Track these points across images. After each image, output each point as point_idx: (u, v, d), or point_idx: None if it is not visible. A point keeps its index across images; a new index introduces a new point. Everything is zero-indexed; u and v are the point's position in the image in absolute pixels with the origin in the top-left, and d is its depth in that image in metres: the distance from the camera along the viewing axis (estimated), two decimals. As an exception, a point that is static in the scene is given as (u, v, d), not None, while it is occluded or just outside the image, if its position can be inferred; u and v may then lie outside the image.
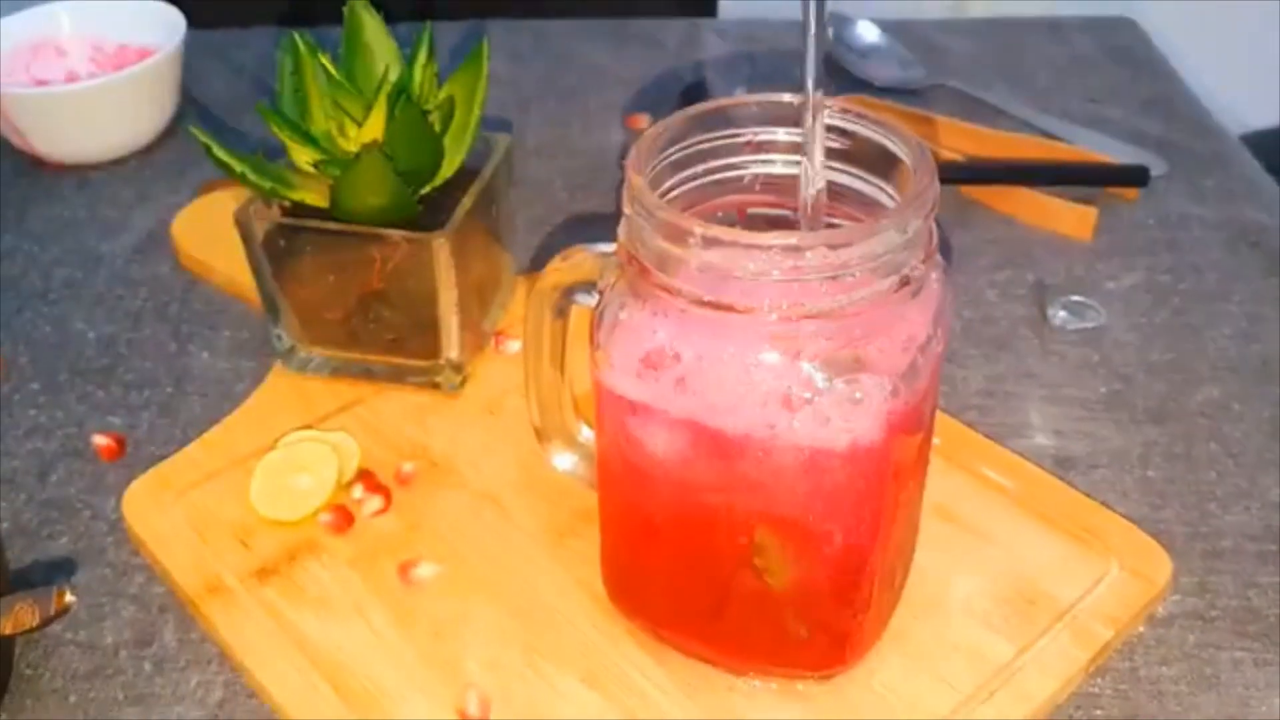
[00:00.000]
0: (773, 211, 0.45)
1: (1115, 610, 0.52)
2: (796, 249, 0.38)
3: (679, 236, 0.40)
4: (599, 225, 0.78)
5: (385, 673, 0.50)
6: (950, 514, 0.56)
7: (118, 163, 0.87)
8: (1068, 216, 0.77)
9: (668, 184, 0.44)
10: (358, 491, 0.58)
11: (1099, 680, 0.51)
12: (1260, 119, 1.19)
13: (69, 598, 0.43)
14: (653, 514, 0.47)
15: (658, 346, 0.42)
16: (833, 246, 0.38)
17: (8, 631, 0.44)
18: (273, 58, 0.62)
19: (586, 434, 0.53)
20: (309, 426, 0.62)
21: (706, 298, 0.40)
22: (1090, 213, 0.77)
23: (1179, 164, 0.83)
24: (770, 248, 0.38)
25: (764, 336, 0.40)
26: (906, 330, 0.42)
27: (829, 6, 0.41)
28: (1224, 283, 0.73)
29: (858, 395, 0.40)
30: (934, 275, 0.43)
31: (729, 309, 0.40)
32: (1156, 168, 0.81)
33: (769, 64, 0.97)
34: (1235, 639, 0.53)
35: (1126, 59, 0.98)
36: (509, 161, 0.65)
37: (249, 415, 0.64)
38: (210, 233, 0.76)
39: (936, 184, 0.41)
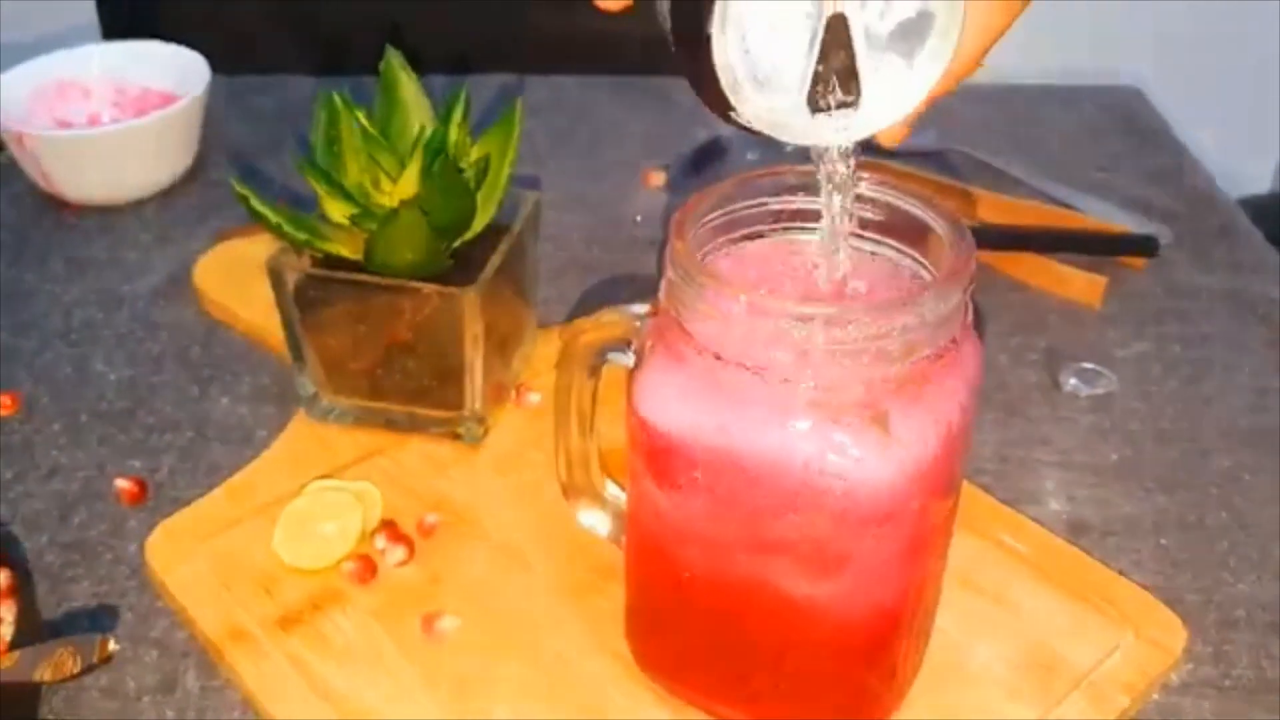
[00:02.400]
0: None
1: (1131, 678, 0.53)
2: (839, 320, 0.39)
3: (722, 304, 0.41)
4: (620, 283, 0.79)
5: (409, 726, 0.51)
6: (968, 579, 0.57)
7: (139, 205, 0.88)
8: (1078, 283, 0.78)
9: (706, 250, 0.45)
10: (380, 541, 0.59)
11: (1116, 747, 0.52)
12: (1259, 185, 1.22)
13: (112, 645, 0.44)
14: (681, 574, 0.48)
15: (695, 408, 0.43)
16: (874, 317, 0.39)
17: (48, 679, 0.44)
18: (295, 105, 0.63)
19: (613, 491, 0.54)
20: (330, 475, 0.62)
21: (747, 363, 0.41)
22: (1100, 280, 0.78)
23: (1186, 234, 0.85)
24: (813, 318, 0.39)
25: (802, 402, 0.41)
26: (941, 398, 0.42)
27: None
28: (1232, 353, 0.74)
29: (892, 462, 0.41)
30: (968, 345, 0.44)
31: (769, 379, 0.41)
32: (1164, 237, 0.83)
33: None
34: (1250, 709, 0.53)
35: (1134, 129, 1.00)
36: (537, 217, 0.66)
37: (272, 462, 0.64)
38: (233, 279, 0.77)
39: (974, 258, 0.42)
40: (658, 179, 0.90)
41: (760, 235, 0.46)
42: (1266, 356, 0.74)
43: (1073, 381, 0.72)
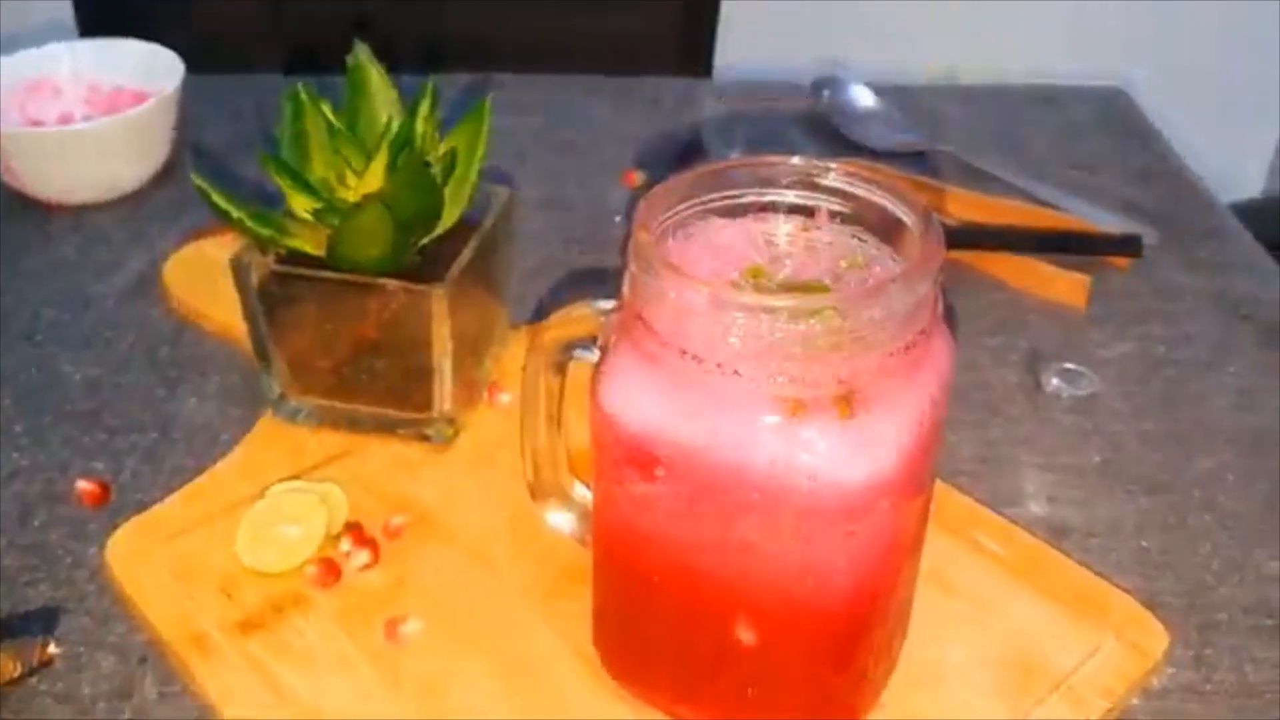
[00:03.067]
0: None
1: (1111, 682, 0.52)
2: (805, 312, 0.38)
3: (685, 296, 0.39)
4: (596, 280, 0.78)
5: (371, 733, 0.49)
6: (945, 581, 0.56)
7: (112, 204, 0.87)
8: (1061, 284, 0.77)
9: (671, 243, 0.44)
10: (345, 544, 0.57)
11: (1095, 753, 0.50)
12: (1249, 189, 1.21)
13: (52, 649, 0.42)
14: (649, 575, 0.47)
15: (660, 404, 0.42)
16: (841, 309, 0.38)
17: (-14, 682, 0.43)
18: (272, 103, 0.62)
19: (581, 491, 0.53)
20: (297, 477, 0.61)
21: (711, 358, 0.40)
22: (1084, 280, 0.77)
23: (1171, 234, 0.84)
24: (778, 310, 0.38)
25: (768, 398, 0.40)
26: (911, 394, 0.41)
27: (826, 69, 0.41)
28: (1217, 354, 0.73)
29: (861, 458, 0.40)
30: (938, 339, 0.43)
31: (734, 373, 0.39)
32: (1149, 237, 0.82)
33: (764, 125, 0.97)
34: (1232, 714, 0.52)
35: (1119, 130, 0.99)
36: (509, 215, 0.65)
37: (236, 464, 0.63)
38: (202, 278, 0.76)
39: (943, 248, 0.41)
40: (638, 179, 0.89)
41: (727, 227, 0.45)
42: (1252, 357, 0.73)
43: (1055, 382, 0.70)
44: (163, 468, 0.64)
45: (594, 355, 0.46)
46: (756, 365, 0.39)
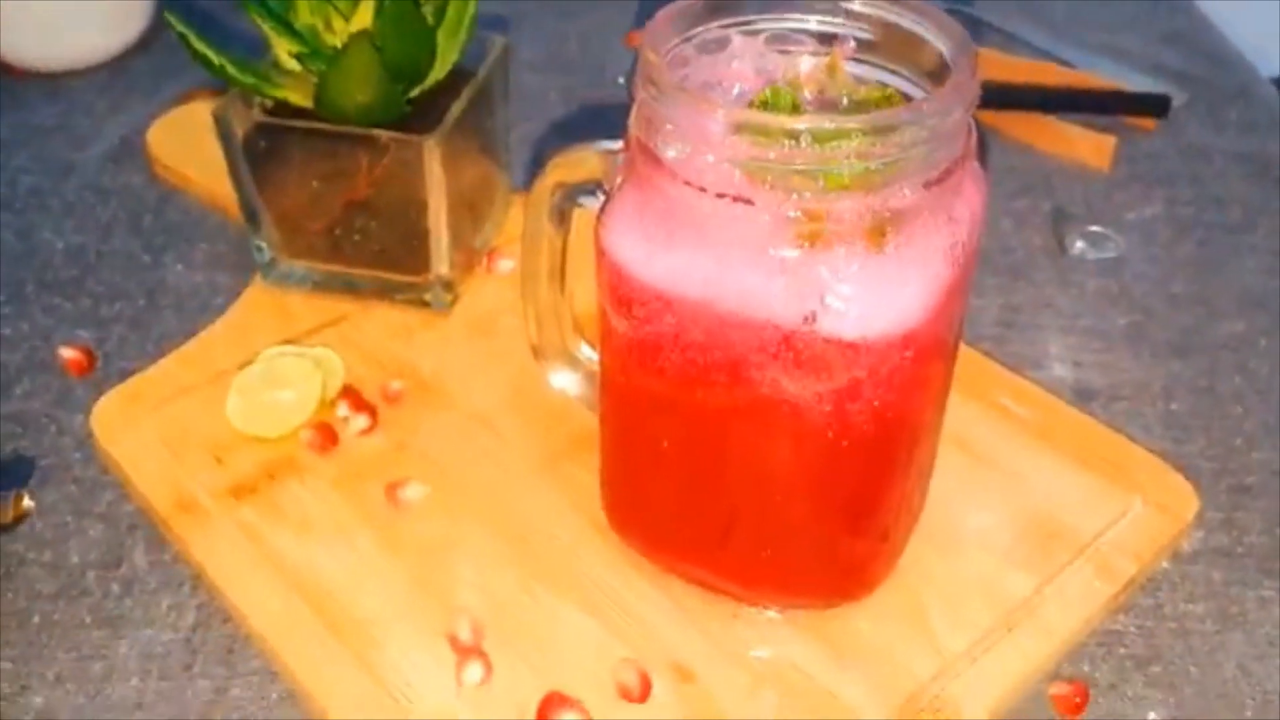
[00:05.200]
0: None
1: (1139, 545, 0.50)
2: (829, 134, 0.35)
3: (699, 120, 0.36)
4: (598, 126, 0.74)
5: (371, 597, 0.47)
6: (967, 444, 0.53)
7: (91, 71, 0.83)
8: (1085, 145, 0.74)
9: (687, 70, 0.41)
10: (342, 409, 0.55)
11: (1122, 617, 0.49)
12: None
13: (27, 502, 0.40)
14: (658, 433, 0.44)
15: (672, 245, 0.39)
16: (868, 132, 0.35)
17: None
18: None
19: (587, 352, 0.50)
20: (290, 342, 0.59)
21: (726, 190, 0.37)
22: (1109, 141, 0.74)
23: (1199, 95, 0.80)
24: (801, 132, 0.35)
25: (788, 230, 0.37)
26: (939, 231, 0.38)
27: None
28: (1247, 216, 0.70)
29: (888, 299, 0.37)
30: (970, 177, 0.40)
31: (748, 203, 0.36)
32: (1176, 97, 0.78)
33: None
34: (1263, 577, 0.50)
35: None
36: (505, 64, 0.62)
37: (226, 329, 0.60)
38: (188, 142, 0.72)
39: (978, 74, 0.38)
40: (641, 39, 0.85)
41: (743, 53, 0.41)
42: (1283, 219, 0.70)
43: (1079, 245, 0.67)
44: (150, 335, 0.62)
45: (598, 200, 0.43)
46: (776, 198, 0.36)
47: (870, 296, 0.37)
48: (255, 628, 0.47)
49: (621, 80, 0.81)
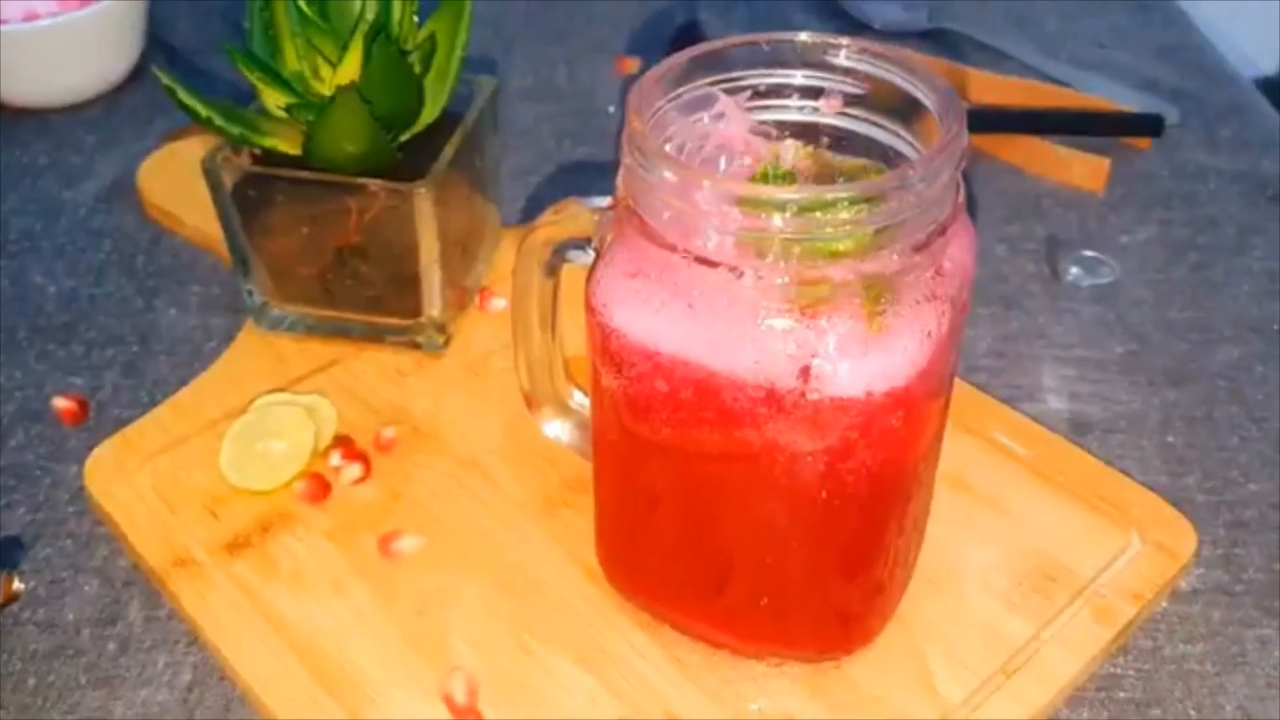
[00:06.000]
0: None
1: (1138, 585, 0.49)
2: (820, 204, 0.35)
3: (686, 189, 0.36)
4: (590, 175, 0.74)
5: (365, 654, 0.47)
6: (962, 482, 0.53)
7: (81, 107, 0.83)
8: (1079, 167, 0.74)
9: (671, 130, 0.40)
10: (335, 459, 0.55)
11: (1120, 660, 0.48)
12: (1271, 64, 1.16)
13: (17, 585, 0.40)
14: (652, 485, 0.44)
15: (659, 308, 0.39)
16: (858, 200, 0.35)
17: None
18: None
19: (579, 399, 0.50)
20: (282, 389, 0.58)
21: (717, 258, 0.36)
22: (1103, 163, 0.73)
23: (1193, 113, 0.80)
24: (789, 203, 0.35)
25: (778, 297, 0.37)
26: (930, 288, 0.38)
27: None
28: (1242, 237, 0.70)
29: (877, 359, 0.37)
30: (961, 232, 0.40)
31: (738, 273, 0.36)
32: (1170, 116, 0.78)
33: (764, 4, 0.93)
34: (1263, 615, 0.50)
35: (1138, 4, 0.94)
36: (494, 106, 0.61)
37: (219, 377, 0.60)
38: (179, 182, 0.72)
39: (965, 132, 0.37)
40: (632, 66, 0.85)
41: (728, 114, 0.41)
42: (1279, 239, 0.70)
43: (1074, 271, 0.67)
44: (143, 382, 0.62)
45: (588, 256, 0.43)
46: (765, 265, 0.36)
47: (860, 358, 0.37)
48: (249, 685, 0.47)
49: (612, 109, 0.80)
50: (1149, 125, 0.76)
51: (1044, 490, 0.53)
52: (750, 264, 0.36)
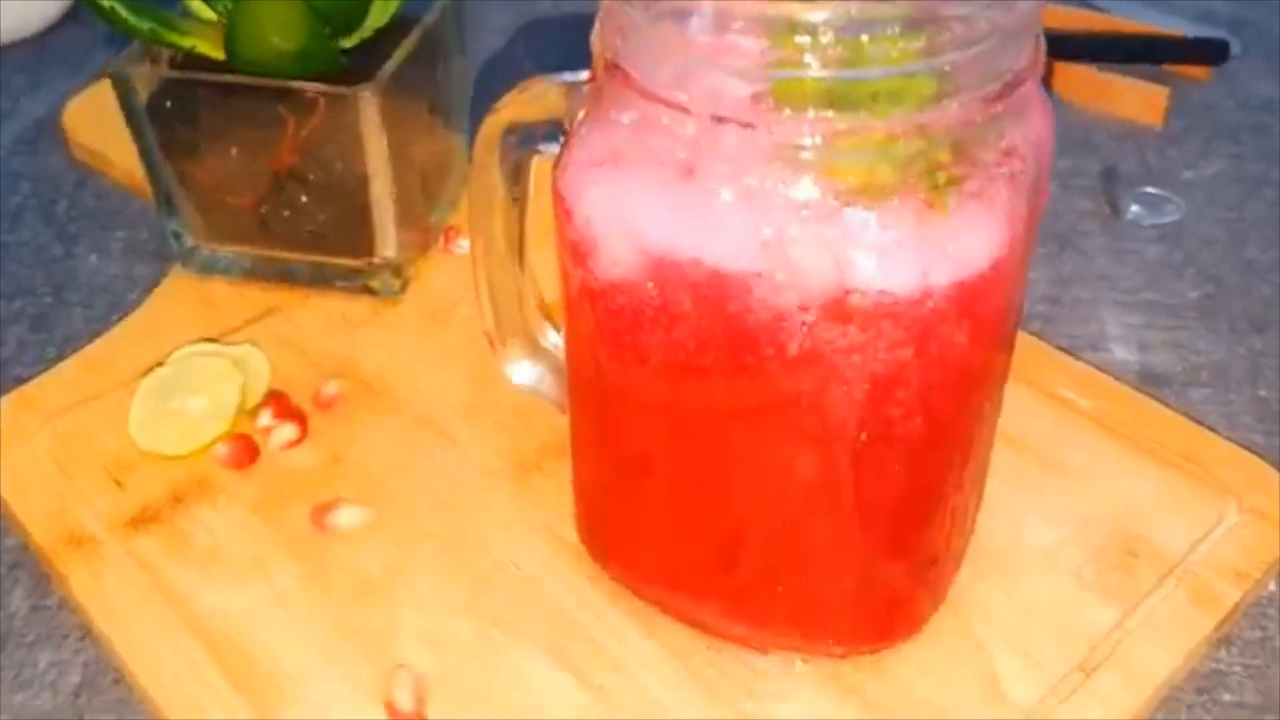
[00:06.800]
0: None
1: (1241, 563, 0.40)
2: (856, 23, 0.26)
3: (680, 18, 0.27)
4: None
5: (290, 649, 0.38)
6: (1023, 443, 0.44)
7: (8, 48, 0.74)
8: (1134, 98, 0.65)
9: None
10: (265, 418, 0.46)
11: (1224, 654, 0.39)
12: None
13: None
14: (640, 439, 0.35)
15: (651, 189, 0.30)
16: (909, 25, 0.26)
17: None
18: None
19: (553, 339, 0.41)
20: (213, 340, 0.50)
21: (720, 112, 0.27)
22: (1161, 94, 0.65)
23: (1254, 42, 0.72)
24: (816, 25, 0.26)
25: (801, 163, 0.28)
26: (1004, 161, 0.29)
27: None
28: (1323, 170, 0.61)
29: (938, 248, 0.28)
30: (1037, 101, 0.31)
31: (749, 126, 0.27)
32: (1232, 45, 0.69)
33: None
34: (1390, 595, 0.41)
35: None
36: (459, 9, 0.53)
37: (139, 327, 0.51)
38: (108, 121, 0.62)
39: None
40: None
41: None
42: (1365, 174, 0.61)
43: (1135, 209, 0.58)
44: (54, 336, 0.53)
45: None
46: (788, 121, 0.27)
47: (917, 246, 0.28)
48: (145, 687, 0.38)
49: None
50: (1213, 52, 0.68)
51: (1117, 450, 0.44)
52: (770, 118, 0.27)
